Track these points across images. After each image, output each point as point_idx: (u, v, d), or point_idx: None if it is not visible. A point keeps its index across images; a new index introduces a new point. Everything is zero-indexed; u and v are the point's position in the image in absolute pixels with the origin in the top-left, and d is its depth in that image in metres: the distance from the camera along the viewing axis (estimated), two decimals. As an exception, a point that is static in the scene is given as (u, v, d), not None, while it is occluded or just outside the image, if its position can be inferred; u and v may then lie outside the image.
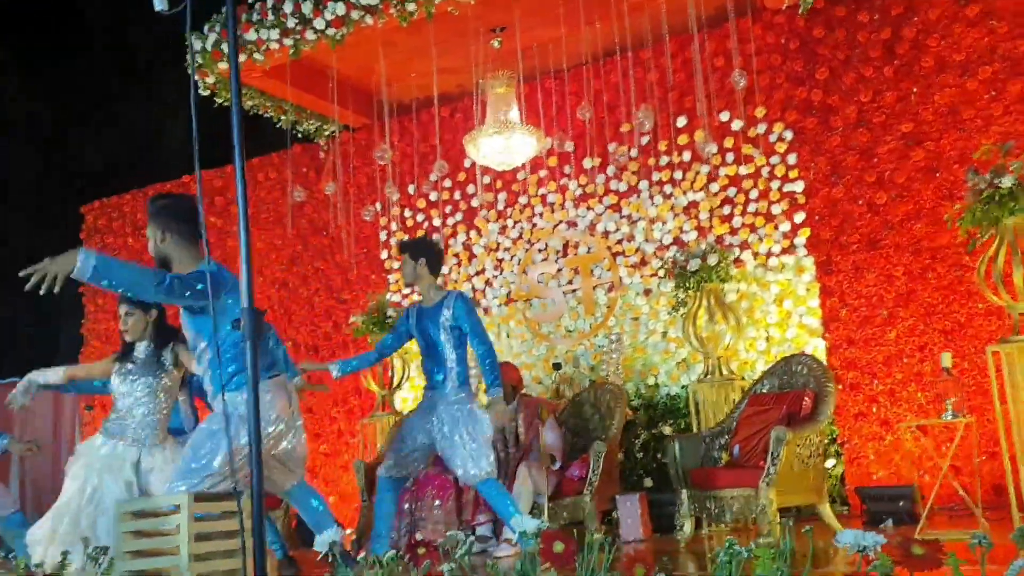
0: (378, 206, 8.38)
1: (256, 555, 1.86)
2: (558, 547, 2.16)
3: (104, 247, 10.02)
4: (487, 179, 8.05)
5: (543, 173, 7.87)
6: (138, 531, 2.73)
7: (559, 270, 7.82)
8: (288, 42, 6.84)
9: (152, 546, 2.68)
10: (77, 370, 4.78)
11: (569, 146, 7.71)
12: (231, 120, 2.21)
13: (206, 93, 7.40)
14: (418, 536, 5.48)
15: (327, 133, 8.54)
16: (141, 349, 4.48)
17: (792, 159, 6.96)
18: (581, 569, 2.13)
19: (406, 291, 8.38)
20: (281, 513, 6.51)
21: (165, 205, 3.64)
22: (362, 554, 5.41)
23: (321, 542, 2.49)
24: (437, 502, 5.51)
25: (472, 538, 2.31)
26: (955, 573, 1.66)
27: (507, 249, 8.05)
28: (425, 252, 4.96)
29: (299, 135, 8.57)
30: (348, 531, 7.06)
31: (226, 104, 7.62)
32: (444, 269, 8.27)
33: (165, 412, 4.44)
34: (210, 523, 2.61)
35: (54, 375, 4.62)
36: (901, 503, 5.59)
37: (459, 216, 8.26)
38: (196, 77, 7.25)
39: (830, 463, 6.29)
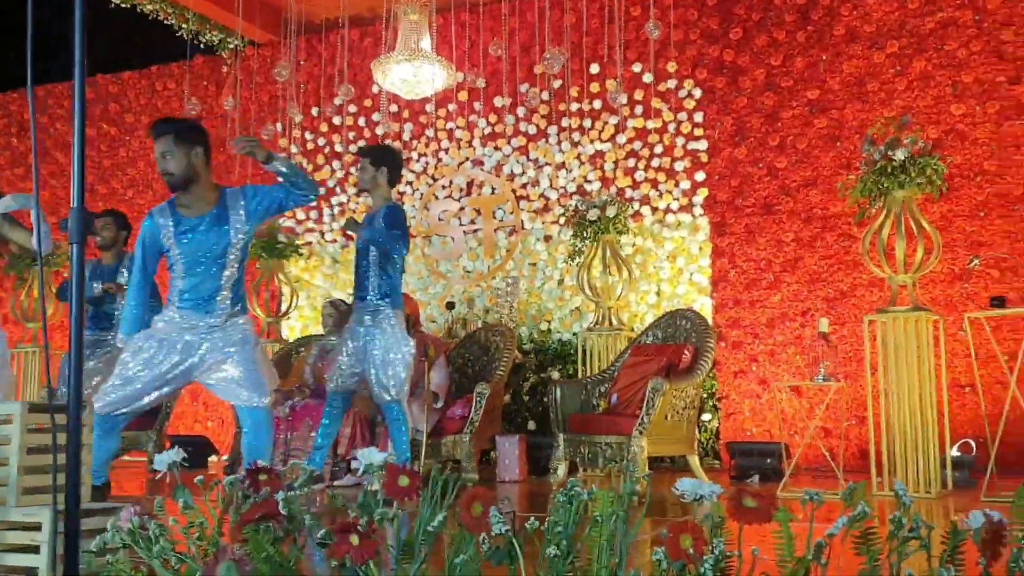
0: (279, 126, 8.09)
1: (69, 475, 1.75)
2: (403, 481, 2.11)
3: (-16, 146, 9.45)
4: (394, 108, 7.84)
5: (452, 107, 7.71)
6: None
7: (461, 209, 7.71)
8: (191, -57, 6.46)
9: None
10: None
11: (480, 83, 7.55)
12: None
13: (100, -10, 6.94)
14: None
15: (231, 47, 8.17)
16: None
17: (699, 117, 6.97)
18: (424, 505, 2.08)
19: (301, 215, 8.15)
20: (154, 434, 6.32)
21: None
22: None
23: (160, 461, 2.39)
24: (313, 433, 5.41)
25: (315, 470, 2.24)
26: (783, 526, 1.68)
27: (410, 183, 7.88)
28: (388, 162, 4.70)
29: (202, 46, 8.16)
30: (225, 457, 6.92)
31: (123, 5, 7.19)
32: (343, 198, 8.08)
33: None
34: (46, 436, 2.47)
35: None
36: (769, 460, 5.77)
37: (362, 143, 8.03)
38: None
39: (707, 417, 6.44)
